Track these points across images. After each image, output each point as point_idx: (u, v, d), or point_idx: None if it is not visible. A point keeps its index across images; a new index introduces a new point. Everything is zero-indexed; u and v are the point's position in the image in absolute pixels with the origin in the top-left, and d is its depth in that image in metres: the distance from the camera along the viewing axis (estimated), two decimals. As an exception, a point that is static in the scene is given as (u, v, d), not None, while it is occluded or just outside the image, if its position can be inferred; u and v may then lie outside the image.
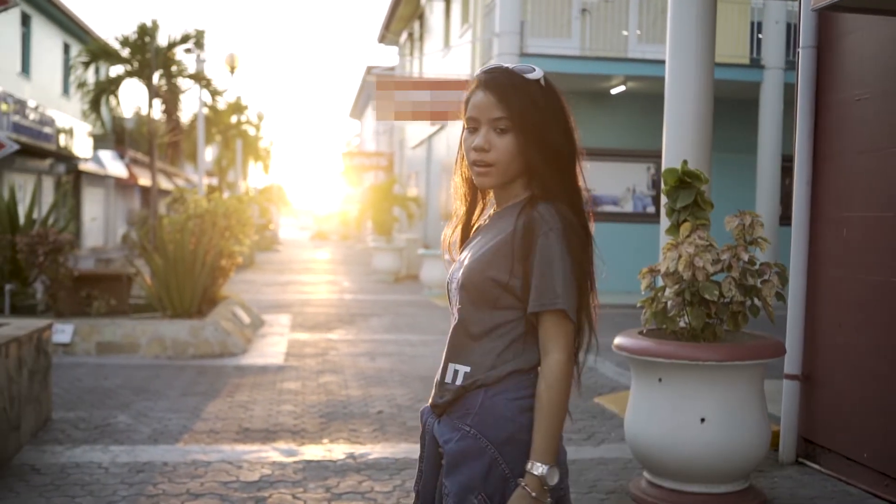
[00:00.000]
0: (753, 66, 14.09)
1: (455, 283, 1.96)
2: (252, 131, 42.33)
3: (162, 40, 18.79)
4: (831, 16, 5.08)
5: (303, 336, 10.25)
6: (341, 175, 41.11)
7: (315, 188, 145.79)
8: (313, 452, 5.20)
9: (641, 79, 14.26)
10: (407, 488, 4.52)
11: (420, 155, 24.47)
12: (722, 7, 9.04)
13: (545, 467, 1.79)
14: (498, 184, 1.95)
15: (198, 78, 19.76)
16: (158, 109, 19.95)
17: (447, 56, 18.96)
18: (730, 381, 4.21)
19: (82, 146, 25.64)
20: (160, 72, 18.89)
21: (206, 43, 19.86)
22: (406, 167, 27.83)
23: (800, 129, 5.19)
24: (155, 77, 18.68)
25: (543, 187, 1.90)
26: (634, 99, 15.27)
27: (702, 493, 4.24)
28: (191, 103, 48.28)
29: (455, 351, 1.94)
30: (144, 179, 31.40)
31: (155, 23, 18.52)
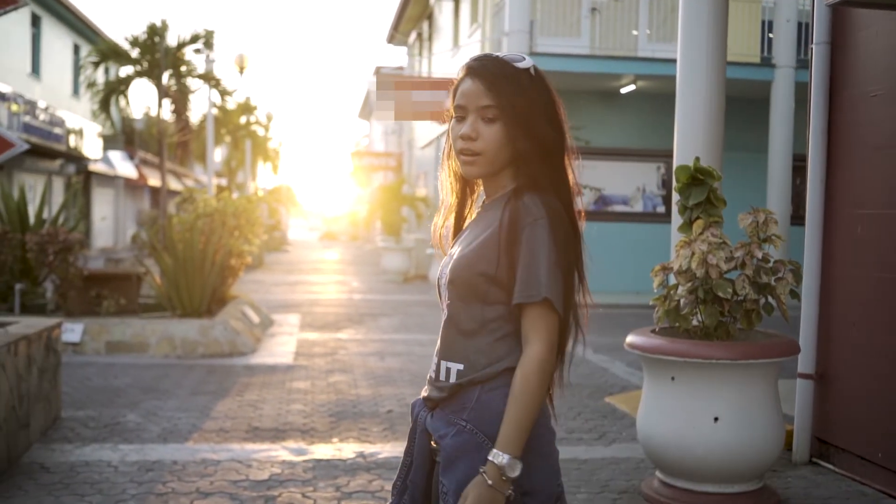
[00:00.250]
0: (764, 65, 14.02)
1: (444, 279, 1.93)
2: (261, 132, 42.38)
3: (171, 40, 18.82)
4: (844, 11, 5.03)
5: (312, 336, 10.23)
6: (350, 176, 41.13)
7: (324, 189, 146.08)
8: (323, 451, 5.18)
9: (651, 78, 14.21)
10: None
11: (429, 155, 24.46)
12: (732, 6, 8.99)
13: (506, 457, 1.74)
14: (485, 173, 1.91)
15: (207, 78, 19.79)
16: (168, 109, 19.97)
17: (456, 56, 18.94)
18: (743, 380, 4.16)
19: (92, 147, 25.72)
20: (170, 72, 18.91)
21: (216, 43, 19.89)
22: (415, 167, 27.81)
23: (813, 126, 5.14)
24: (164, 77, 18.70)
25: (530, 178, 1.85)
26: (644, 98, 15.22)
27: (715, 493, 4.19)
28: (200, 104, 48.46)
29: (447, 348, 1.91)
30: (154, 180, 31.48)
31: (164, 23, 18.55)
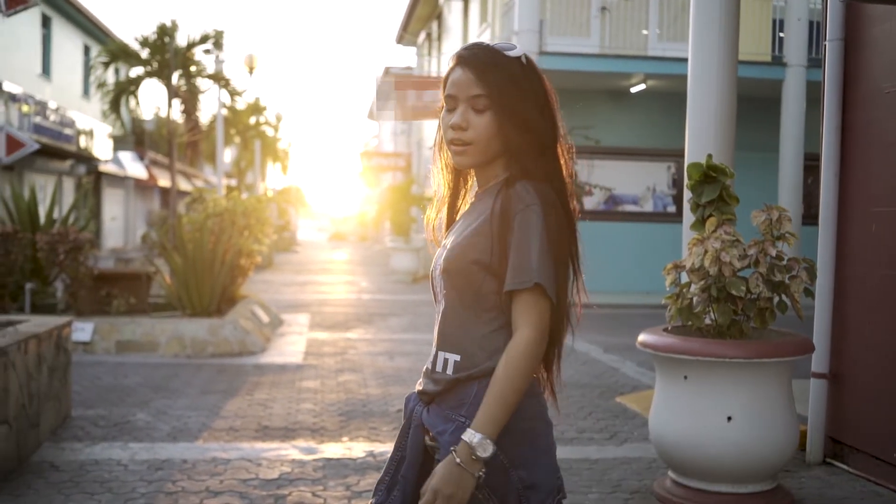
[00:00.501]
0: (775, 64, 13.96)
1: (438, 270, 1.91)
2: (270, 132, 42.42)
3: (181, 40, 18.85)
4: (858, 7, 4.99)
5: (322, 335, 10.22)
6: (359, 176, 41.14)
7: (333, 190, 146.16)
8: (333, 450, 5.16)
9: (662, 77, 14.16)
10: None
11: (438, 155, 24.41)
12: (743, 4, 8.91)
13: (479, 436, 1.71)
14: (476, 163, 1.89)
15: (217, 78, 19.81)
16: (178, 110, 20.01)
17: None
18: (757, 379, 4.12)
19: (102, 147, 25.80)
20: (179, 72, 18.93)
21: (226, 43, 19.87)
22: (424, 167, 27.80)
23: (827, 124, 5.10)
24: (174, 77, 18.73)
25: (522, 167, 1.83)
26: (654, 97, 15.17)
27: (728, 493, 4.15)
28: (210, 104, 48.50)
29: (444, 339, 1.88)
30: (164, 181, 31.53)
31: (174, 23, 18.57)
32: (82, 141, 23.70)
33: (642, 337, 4.40)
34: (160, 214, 25.86)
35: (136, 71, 19.46)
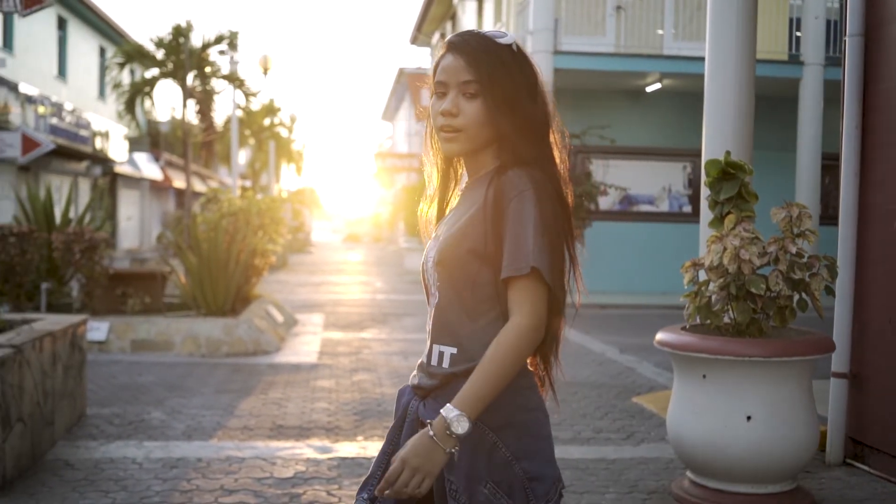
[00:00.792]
0: (792, 63, 13.86)
1: (431, 262, 1.88)
2: (285, 133, 42.53)
3: (196, 41, 18.91)
4: (879, 1, 4.92)
5: (336, 335, 10.21)
6: (373, 177, 41.18)
7: (347, 191, 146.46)
8: (348, 449, 5.13)
9: (677, 76, 14.09)
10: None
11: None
12: (760, 2, 8.85)
13: (456, 412, 1.67)
14: (466, 150, 1.86)
15: (231, 79, 19.86)
16: (193, 111, 20.06)
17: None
18: (777, 378, 4.07)
19: (118, 149, 25.91)
20: (194, 73, 18.99)
21: (240, 44, 19.94)
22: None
23: (847, 120, 5.04)
24: (189, 78, 18.79)
25: (514, 154, 1.80)
26: (670, 97, 15.10)
27: (748, 494, 4.10)
28: (224, 105, 48.65)
29: (439, 332, 1.85)
30: (179, 182, 31.66)
31: (189, 23, 18.65)
32: (98, 142, 23.80)
33: (660, 335, 4.35)
34: (175, 215, 25.96)
35: (152, 72, 19.54)
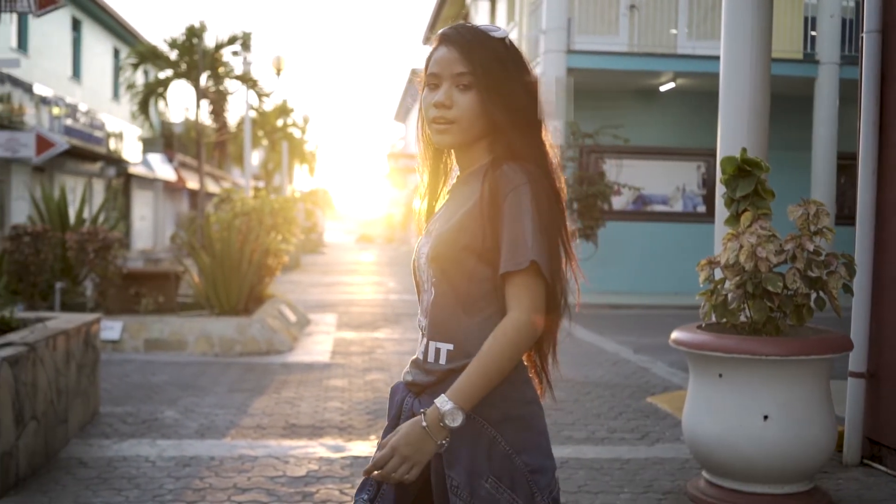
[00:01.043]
0: (807, 61, 13.77)
1: (424, 258, 1.86)
2: (298, 134, 42.61)
3: (209, 42, 18.97)
4: (898, -2, 4.87)
5: (349, 335, 10.20)
6: (386, 177, 41.19)
7: (360, 192, 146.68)
8: (360, 448, 5.11)
9: (691, 75, 14.03)
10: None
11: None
12: (775, 2, 8.74)
13: (451, 404, 1.68)
14: (458, 142, 1.84)
15: (244, 79, 19.91)
16: (206, 111, 20.11)
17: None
18: (794, 377, 4.02)
19: (132, 150, 26.01)
20: (208, 73, 19.05)
21: (253, 45, 19.99)
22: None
23: (864, 117, 4.98)
24: (202, 79, 18.84)
25: (508, 147, 1.80)
26: (684, 96, 15.03)
27: (764, 494, 4.06)
28: (237, 106, 48.79)
29: (435, 328, 1.82)
30: (193, 183, 31.76)
31: (202, 24, 18.70)
32: (112, 143, 23.90)
33: (675, 334, 4.31)
34: (189, 215, 26.05)
35: (165, 73, 19.60)
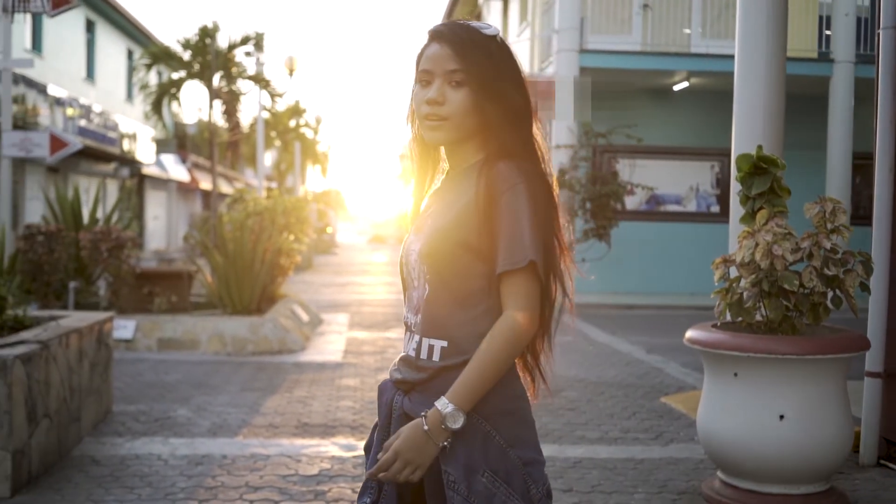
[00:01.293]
0: (822, 60, 13.67)
1: (414, 255, 1.86)
2: (310, 134, 42.69)
3: (222, 42, 19.02)
4: (916, -6, 4.82)
5: (361, 334, 10.19)
6: (398, 178, 41.21)
7: (372, 193, 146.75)
8: (373, 448, 5.09)
9: (705, 74, 13.96)
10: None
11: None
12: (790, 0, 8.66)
13: (452, 407, 1.71)
14: (450, 139, 1.85)
15: (257, 80, 19.95)
16: (219, 111, 20.16)
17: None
18: (810, 377, 3.98)
19: (145, 150, 26.10)
20: (220, 73, 19.09)
21: (266, 45, 20.05)
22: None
23: (881, 114, 4.93)
24: (215, 79, 18.89)
25: (501, 145, 1.81)
26: (698, 95, 14.95)
27: (780, 495, 4.02)
28: (250, 107, 48.92)
29: (429, 325, 1.83)
30: (206, 183, 31.84)
31: (216, 24, 18.75)
32: (125, 144, 23.99)
33: (690, 333, 4.28)
34: (202, 215, 26.13)
35: (179, 73, 19.66)
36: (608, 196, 13.00)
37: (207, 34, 18.66)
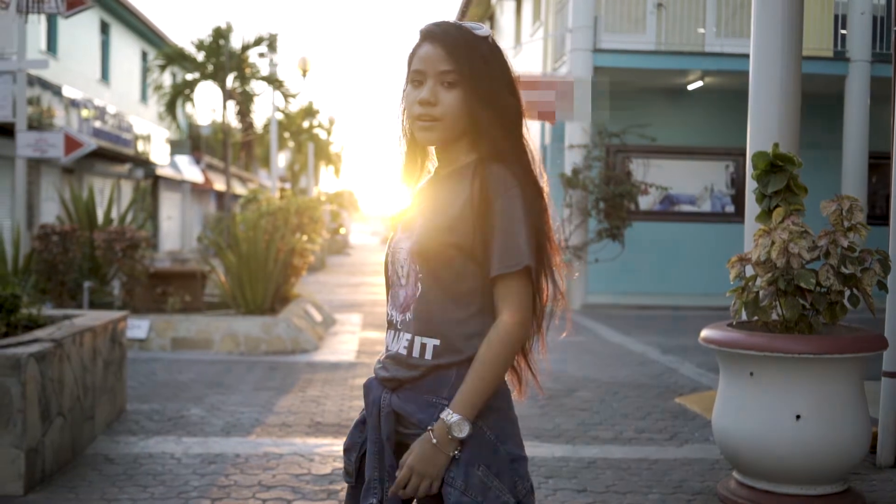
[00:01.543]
0: (838, 59, 13.58)
1: (403, 253, 1.87)
2: (323, 135, 42.76)
3: (236, 43, 19.08)
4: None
5: (374, 335, 10.18)
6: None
7: (385, 194, 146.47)
8: (386, 447, 5.08)
9: (719, 73, 13.88)
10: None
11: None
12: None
13: (457, 417, 1.74)
14: (442, 139, 1.87)
15: (270, 80, 19.99)
16: (232, 112, 20.22)
17: (518, 55, 18.80)
18: (827, 376, 3.94)
19: (159, 152, 26.18)
20: (234, 74, 19.14)
21: (279, 46, 20.09)
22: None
23: (899, 112, 4.88)
24: (229, 80, 18.94)
25: (493, 147, 1.83)
26: (712, 94, 14.89)
27: (796, 495, 3.98)
28: (264, 108, 49.08)
29: (421, 323, 1.84)
30: (220, 184, 31.92)
31: (229, 25, 18.81)
32: (140, 145, 24.07)
33: (705, 332, 4.25)
34: (216, 216, 26.21)
35: (192, 74, 19.72)
36: (622, 196, 12.94)
37: (221, 35, 18.72)
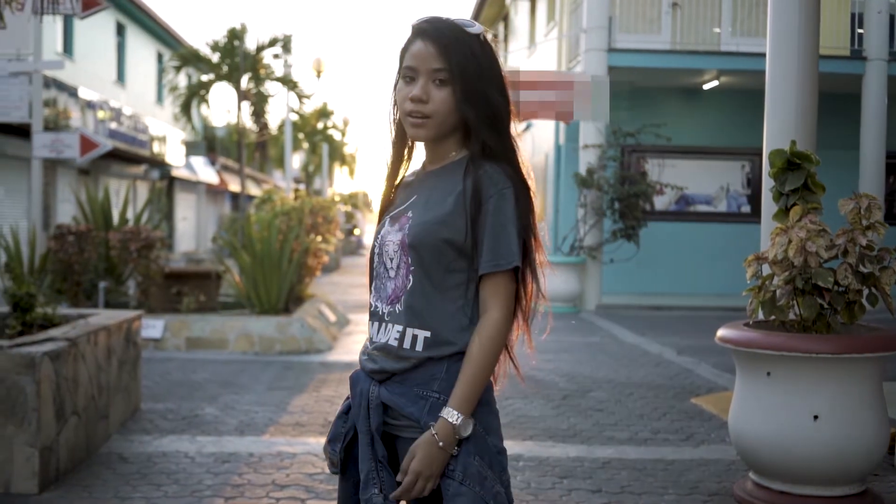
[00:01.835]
0: (854, 58, 13.48)
1: (393, 245, 1.89)
2: (338, 136, 42.83)
3: (250, 44, 19.12)
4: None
5: (388, 335, 10.16)
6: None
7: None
8: (400, 447, 5.06)
9: (735, 73, 13.81)
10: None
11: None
12: (822, -5, 8.56)
13: (461, 417, 1.78)
14: (432, 136, 1.89)
15: (285, 81, 20.03)
16: (247, 112, 20.28)
17: (532, 55, 18.76)
18: (845, 376, 3.90)
19: (175, 153, 26.29)
20: (249, 75, 19.20)
21: (294, 47, 20.11)
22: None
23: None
24: (244, 81, 18.99)
25: (483, 145, 1.86)
26: (728, 94, 14.82)
27: (814, 496, 3.94)
28: (278, 109, 49.29)
29: (412, 315, 1.86)
30: (234, 185, 32.03)
31: (244, 26, 18.86)
32: (155, 146, 24.18)
33: (722, 332, 4.21)
34: (230, 216, 26.29)
35: (207, 76, 19.79)
36: (637, 196, 12.89)
37: (236, 36, 18.78)
